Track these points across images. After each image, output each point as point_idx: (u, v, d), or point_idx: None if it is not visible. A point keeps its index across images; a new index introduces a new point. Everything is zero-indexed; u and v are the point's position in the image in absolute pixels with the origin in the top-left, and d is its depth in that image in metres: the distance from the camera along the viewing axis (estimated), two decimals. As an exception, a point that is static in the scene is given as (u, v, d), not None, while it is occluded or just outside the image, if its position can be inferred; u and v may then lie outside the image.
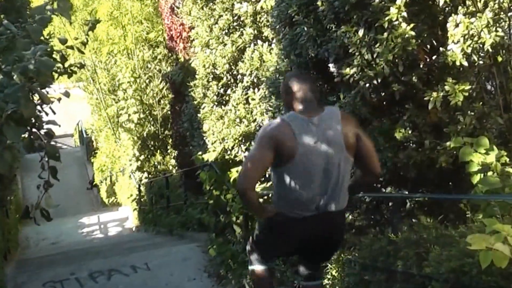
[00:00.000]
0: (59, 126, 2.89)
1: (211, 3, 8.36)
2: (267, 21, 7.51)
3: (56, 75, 5.48)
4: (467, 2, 4.12)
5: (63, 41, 4.39)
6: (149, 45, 15.42)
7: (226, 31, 8.10)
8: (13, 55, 2.57)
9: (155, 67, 14.18)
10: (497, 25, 3.92)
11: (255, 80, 7.38)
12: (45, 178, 2.51)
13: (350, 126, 2.76)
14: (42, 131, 2.92)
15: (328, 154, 2.67)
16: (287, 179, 2.72)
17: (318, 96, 2.87)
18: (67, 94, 3.41)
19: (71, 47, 4.61)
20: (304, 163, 2.67)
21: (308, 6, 4.70)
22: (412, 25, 4.01)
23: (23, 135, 2.72)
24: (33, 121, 2.76)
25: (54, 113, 4.06)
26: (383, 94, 4.31)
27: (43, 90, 5.84)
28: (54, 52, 6.49)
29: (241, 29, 7.97)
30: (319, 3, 4.53)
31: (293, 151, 2.65)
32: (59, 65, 4.77)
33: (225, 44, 8.02)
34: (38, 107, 3.70)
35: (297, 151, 2.65)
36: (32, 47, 2.91)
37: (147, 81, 14.15)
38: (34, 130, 2.84)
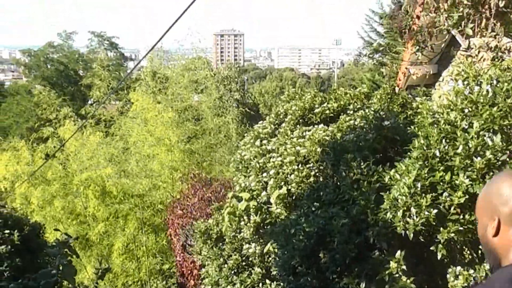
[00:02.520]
0: None
1: (221, 244, 8.58)
2: (275, 259, 7.61)
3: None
4: (465, 254, 4.20)
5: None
6: (163, 276, 15.43)
7: (235, 270, 8.16)
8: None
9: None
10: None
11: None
12: None
13: None
14: None
15: None
16: None
17: None
18: None
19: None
20: None
21: (310, 258, 4.80)
22: (412, 278, 4.02)
23: None
24: None
25: None
26: None
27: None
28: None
29: (250, 269, 8.02)
30: (321, 255, 4.64)
31: None
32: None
33: (234, 284, 7.99)
34: None
35: None
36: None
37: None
38: None
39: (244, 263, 8.21)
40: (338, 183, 4.66)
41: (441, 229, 3.74)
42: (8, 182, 15.89)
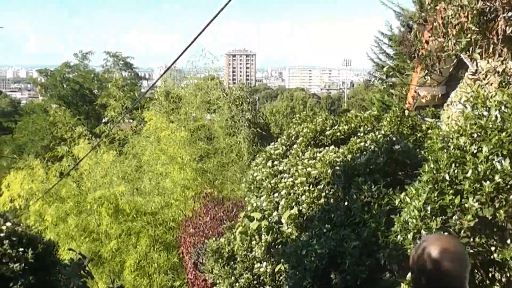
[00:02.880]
0: None
1: (232, 262, 8.59)
2: (286, 278, 7.60)
3: None
4: (475, 276, 4.18)
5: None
6: (175, 294, 15.39)
7: (247, 291, 8.15)
8: None
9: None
10: None
11: None
12: None
13: None
14: None
15: None
16: None
17: None
18: None
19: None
20: None
21: (322, 278, 4.82)
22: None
23: None
24: None
25: None
26: None
27: None
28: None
29: (261, 288, 8.01)
30: (332, 276, 4.66)
31: None
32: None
33: (247, 306, 7.98)
34: None
35: None
36: None
37: None
38: None
39: (255, 282, 8.20)
40: (349, 206, 4.70)
41: (451, 251, 3.76)
42: (23, 200, 16.00)
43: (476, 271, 4.17)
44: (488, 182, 3.64)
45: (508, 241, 3.79)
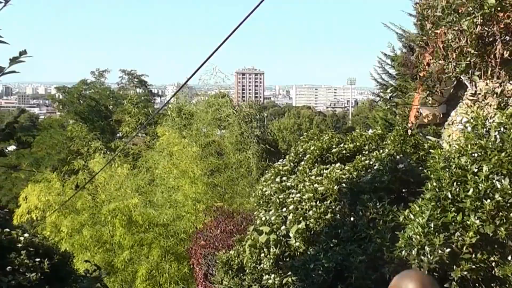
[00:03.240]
0: None
1: (241, 274, 8.58)
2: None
3: None
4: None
5: None
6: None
7: (255, 300, 8.11)
8: None
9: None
10: None
11: None
12: None
13: None
14: None
15: None
16: None
17: None
18: None
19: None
20: None
21: (328, 291, 4.82)
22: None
23: None
24: None
25: None
26: None
27: None
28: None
29: (269, 300, 7.98)
30: (338, 288, 4.66)
31: None
32: None
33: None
34: None
35: None
36: None
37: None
38: None
39: (263, 296, 8.18)
40: (355, 222, 4.72)
41: (454, 267, 3.76)
42: (40, 212, 16.06)
43: (478, 285, 4.17)
44: (488, 200, 3.66)
45: (509, 258, 3.80)
